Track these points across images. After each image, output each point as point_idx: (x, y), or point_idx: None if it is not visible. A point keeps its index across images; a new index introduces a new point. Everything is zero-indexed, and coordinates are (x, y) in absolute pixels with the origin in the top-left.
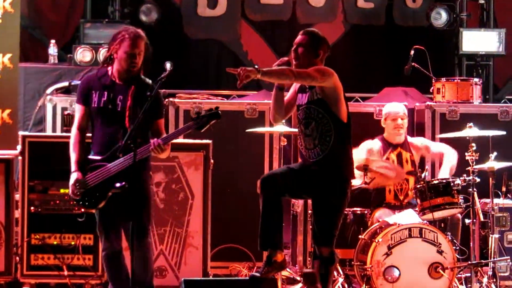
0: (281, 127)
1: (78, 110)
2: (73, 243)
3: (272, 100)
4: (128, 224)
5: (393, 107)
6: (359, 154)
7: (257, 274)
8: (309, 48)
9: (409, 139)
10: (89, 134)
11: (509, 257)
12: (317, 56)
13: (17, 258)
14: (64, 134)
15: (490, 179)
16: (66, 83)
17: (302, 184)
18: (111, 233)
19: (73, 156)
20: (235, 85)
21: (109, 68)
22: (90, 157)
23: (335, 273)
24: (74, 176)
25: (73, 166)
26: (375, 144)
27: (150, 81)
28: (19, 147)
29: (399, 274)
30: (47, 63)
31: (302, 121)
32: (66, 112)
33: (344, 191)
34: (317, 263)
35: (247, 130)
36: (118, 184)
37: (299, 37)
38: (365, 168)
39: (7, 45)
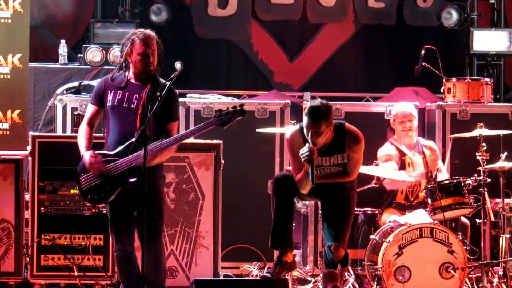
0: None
1: (89, 109)
2: (83, 243)
3: (301, 181)
4: (140, 223)
5: (400, 108)
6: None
7: (268, 275)
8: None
9: (423, 141)
10: (100, 135)
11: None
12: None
13: (27, 258)
14: (74, 134)
15: (501, 179)
16: (76, 83)
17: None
18: (123, 234)
19: (82, 143)
20: (245, 85)
21: (126, 72)
22: (101, 151)
23: (346, 273)
24: (87, 153)
25: (83, 150)
26: (388, 150)
27: (163, 80)
28: (29, 148)
29: (410, 274)
30: (57, 63)
31: (320, 178)
32: (76, 113)
33: (353, 194)
34: (326, 264)
35: (257, 130)
36: (131, 179)
37: (320, 126)
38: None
39: (17, 45)
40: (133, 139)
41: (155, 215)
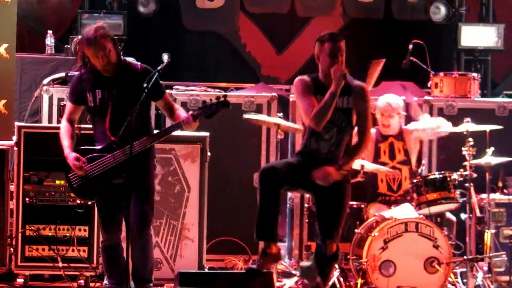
0: (278, 119)
1: (68, 106)
2: (68, 234)
3: (325, 107)
4: (129, 214)
5: (382, 102)
6: None
7: (254, 266)
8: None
9: (404, 127)
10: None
11: (505, 252)
12: None
13: (12, 249)
14: (60, 125)
15: (487, 174)
16: (62, 74)
17: (304, 179)
18: (111, 225)
19: (65, 142)
20: (232, 77)
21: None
22: (87, 147)
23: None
24: (71, 155)
25: (67, 150)
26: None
27: (132, 60)
28: (14, 138)
29: (395, 269)
30: (44, 54)
31: None
32: (62, 103)
33: (348, 187)
34: (320, 258)
35: (244, 116)
36: (115, 176)
37: (340, 44)
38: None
39: (4, 35)
40: (116, 137)
41: (145, 207)
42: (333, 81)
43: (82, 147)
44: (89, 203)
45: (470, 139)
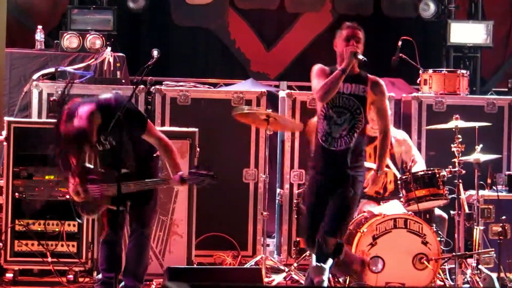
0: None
1: None
2: (57, 229)
3: (333, 81)
4: (133, 212)
5: None
6: None
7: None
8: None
9: (393, 132)
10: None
11: (493, 249)
12: None
13: (1, 244)
14: (50, 120)
15: (476, 171)
16: (52, 69)
17: (324, 198)
18: (116, 221)
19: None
20: (222, 73)
21: None
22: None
23: None
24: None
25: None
26: None
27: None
28: (4, 133)
29: (384, 265)
30: (33, 49)
31: (335, 108)
32: (52, 98)
33: (360, 185)
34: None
35: (234, 112)
36: (115, 205)
37: (357, 32)
38: None
39: None
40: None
41: (148, 209)
42: (345, 59)
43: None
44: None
45: (459, 135)
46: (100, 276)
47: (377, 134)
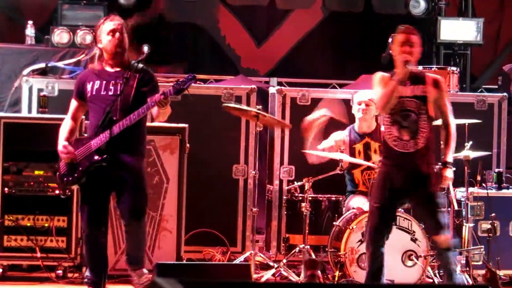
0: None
1: (72, 104)
2: (46, 225)
3: (389, 93)
4: (125, 205)
5: (358, 95)
6: (326, 143)
7: None
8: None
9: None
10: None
11: (483, 246)
12: None
13: None
14: (40, 115)
15: (465, 168)
16: (42, 65)
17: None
18: (94, 214)
19: (62, 135)
20: (212, 69)
21: (102, 62)
22: (79, 137)
23: None
24: (60, 145)
25: (60, 141)
26: (344, 135)
27: (141, 65)
28: None
29: None
30: (24, 44)
31: (399, 113)
32: (42, 94)
33: (438, 188)
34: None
35: (224, 105)
36: (96, 157)
37: (411, 37)
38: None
39: None
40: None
41: (140, 199)
42: (398, 68)
43: (77, 137)
44: (73, 188)
45: None
46: (88, 274)
47: (365, 129)
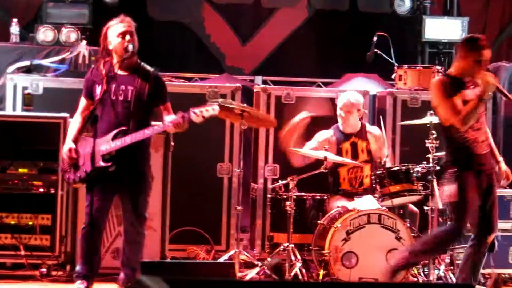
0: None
1: (82, 102)
2: (30, 223)
3: (471, 111)
4: (125, 207)
5: (340, 99)
6: (310, 145)
7: None
8: None
9: (368, 127)
10: None
11: (467, 245)
12: None
13: None
14: (24, 113)
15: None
16: (27, 62)
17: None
18: (97, 211)
19: (70, 133)
20: (197, 68)
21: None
22: (85, 136)
23: (293, 258)
24: (65, 147)
25: (68, 139)
26: (328, 135)
27: (150, 68)
28: None
29: (357, 260)
30: (8, 42)
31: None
32: (26, 92)
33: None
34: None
35: (221, 104)
36: (102, 163)
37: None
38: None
39: None
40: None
41: (142, 205)
42: (482, 86)
43: (84, 136)
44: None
45: (434, 131)
46: (78, 267)
47: (349, 130)
